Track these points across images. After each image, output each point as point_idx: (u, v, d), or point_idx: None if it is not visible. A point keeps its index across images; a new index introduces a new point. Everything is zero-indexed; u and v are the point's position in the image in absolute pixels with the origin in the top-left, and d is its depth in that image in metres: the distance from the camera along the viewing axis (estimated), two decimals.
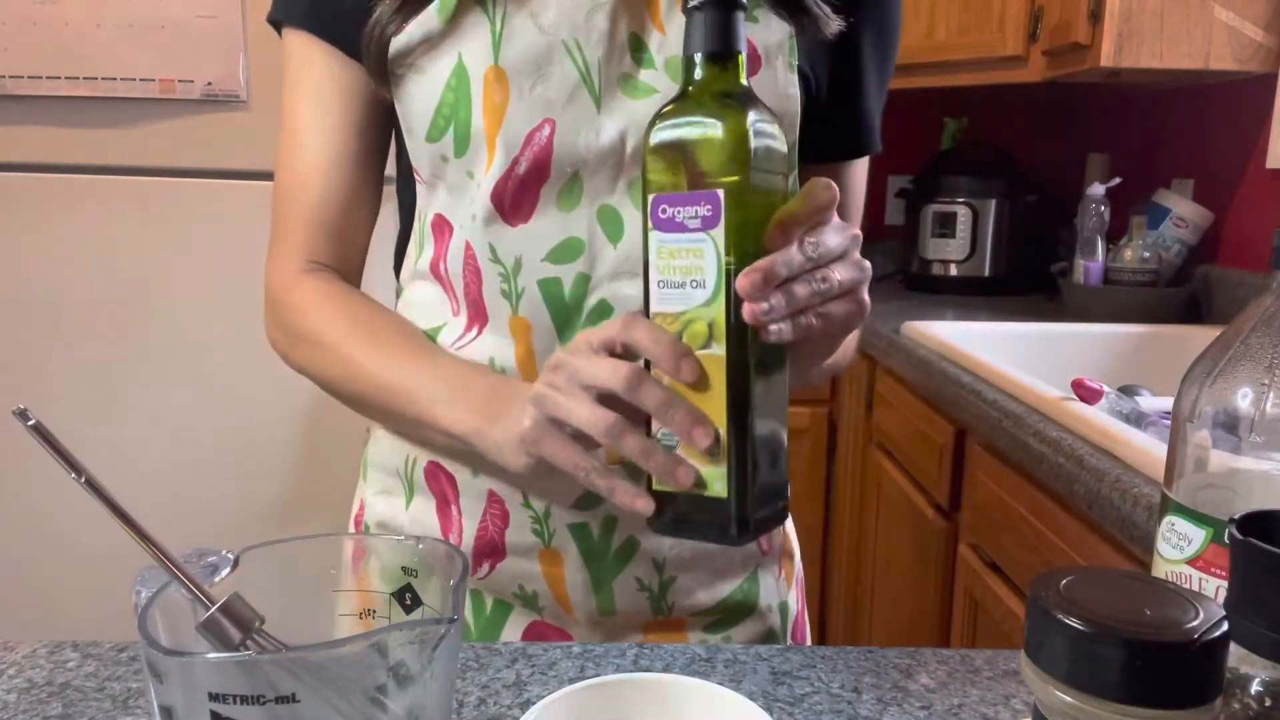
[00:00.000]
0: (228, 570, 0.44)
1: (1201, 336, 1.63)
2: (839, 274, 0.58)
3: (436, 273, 0.74)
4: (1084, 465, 1.07)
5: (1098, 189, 2.05)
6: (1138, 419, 1.19)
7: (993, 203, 2.29)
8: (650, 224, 0.56)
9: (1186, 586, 0.40)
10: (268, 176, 0.78)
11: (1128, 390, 1.35)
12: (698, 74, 0.56)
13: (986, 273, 2.32)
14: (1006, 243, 2.31)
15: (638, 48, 0.68)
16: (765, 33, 0.69)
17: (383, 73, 0.69)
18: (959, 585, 1.49)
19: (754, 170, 0.54)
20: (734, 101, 0.55)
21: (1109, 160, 2.26)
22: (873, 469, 1.93)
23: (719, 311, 0.55)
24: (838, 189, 0.57)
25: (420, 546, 0.47)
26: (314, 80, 0.74)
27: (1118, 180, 2.07)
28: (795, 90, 0.70)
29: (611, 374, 0.57)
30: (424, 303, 0.75)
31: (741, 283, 0.53)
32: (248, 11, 1.71)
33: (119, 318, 1.80)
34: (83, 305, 1.80)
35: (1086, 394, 1.21)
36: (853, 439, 2.06)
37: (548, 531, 0.73)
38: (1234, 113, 1.93)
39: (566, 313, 0.69)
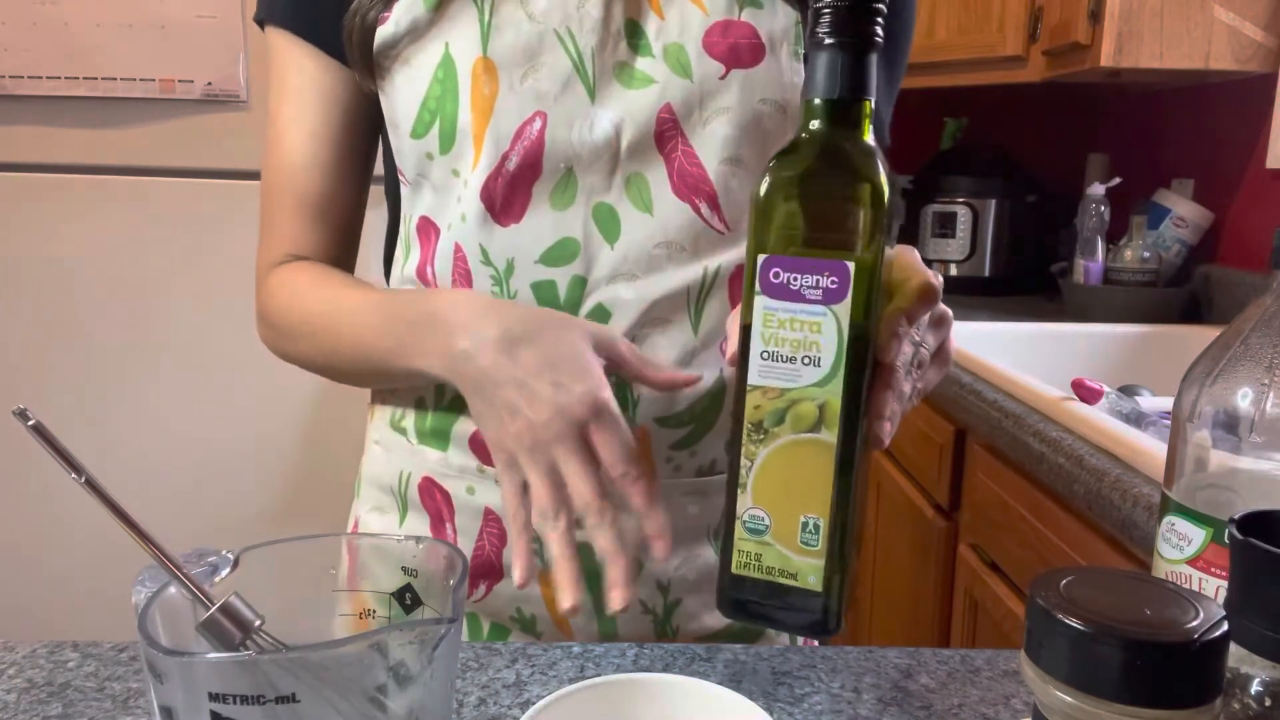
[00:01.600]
0: (228, 570, 0.44)
1: (1201, 336, 1.63)
2: (931, 341, 0.56)
3: (424, 278, 0.72)
4: (1084, 465, 1.07)
5: (1098, 189, 2.05)
6: (1138, 419, 1.19)
7: (993, 203, 2.29)
8: (758, 287, 0.50)
9: (1186, 586, 0.40)
10: None
11: (1128, 390, 1.35)
12: (822, 122, 0.50)
13: (986, 273, 2.32)
14: (1006, 243, 2.31)
15: (634, 34, 0.66)
16: (770, 19, 0.67)
17: (367, 64, 0.68)
18: (959, 585, 1.49)
19: (888, 240, 0.49)
20: (871, 161, 0.49)
21: (1109, 160, 2.26)
22: (873, 469, 1.93)
23: (834, 395, 0.49)
24: (940, 276, 0.56)
25: (420, 547, 0.47)
26: (294, 79, 0.73)
27: (1118, 180, 2.07)
28: (801, 80, 0.68)
29: (581, 497, 0.57)
30: None
31: (878, 408, 0.50)
32: (248, 11, 1.71)
33: (119, 318, 1.80)
34: (83, 305, 1.80)
35: (1086, 394, 1.21)
36: None
37: (547, 551, 0.71)
38: (1234, 113, 1.93)
39: None
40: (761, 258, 0.50)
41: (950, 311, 0.60)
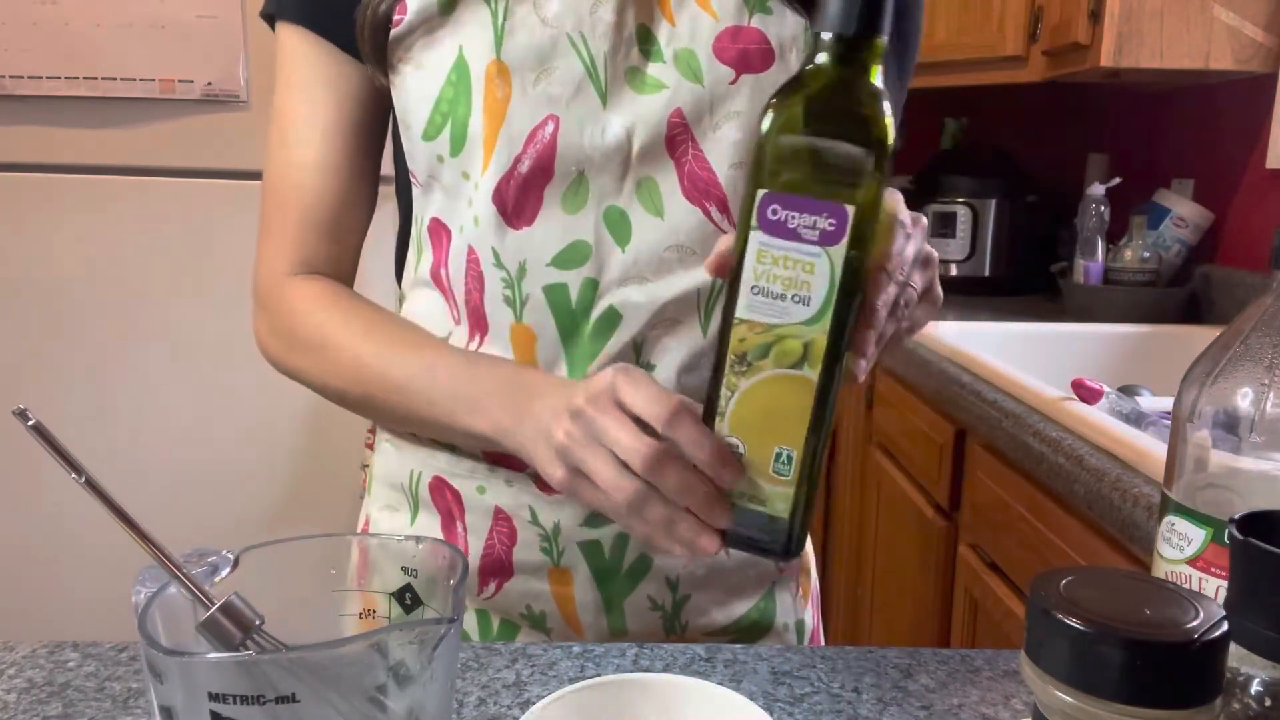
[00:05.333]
0: (228, 570, 0.44)
1: (1201, 336, 1.62)
2: (917, 281, 0.57)
3: (438, 280, 0.72)
4: (1084, 465, 1.07)
5: (1098, 189, 2.05)
6: (1138, 419, 1.19)
7: (993, 203, 2.29)
8: (755, 222, 0.50)
9: (1186, 586, 0.40)
10: None
11: (1128, 390, 1.35)
12: (831, 58, 0.48)
13: (987, 273, 2.32)
14: (1006, 243, 2.31)
15: (646, 40, 0.67)
16: (779, 24, 0.67)
17: (380, 58, 0.68)
18: (959, 585, 1.49)
19: (887, 183, 0.48)
20: (877, 104, 0.48)
21: (1109, 160, 2.26)
22: (873, 469, 1.93)
23: (820, 334, 0.50)
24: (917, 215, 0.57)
25: (420, 547, 0.47)
26: (306, 76, 0.72)
27: (1118, 180, 2.07)
28: None
29: (633, 449, 0.55)
30: (426, 313, 0.73)
31: (860, 347, 0.52)
32: (248, 11, 1.71)
33: (119, 318, 1.80)
34: (82, 305, 1.80)
35: (1086, 394, 1.21)
36: (853, 438, 2.06)
37: (557, 549, 0.71)
38: (1234, 113, 1.93)
39: (573, 320, 0.68)
40: (761, 193, 0.49)
41: (935, 252, 0.61)
